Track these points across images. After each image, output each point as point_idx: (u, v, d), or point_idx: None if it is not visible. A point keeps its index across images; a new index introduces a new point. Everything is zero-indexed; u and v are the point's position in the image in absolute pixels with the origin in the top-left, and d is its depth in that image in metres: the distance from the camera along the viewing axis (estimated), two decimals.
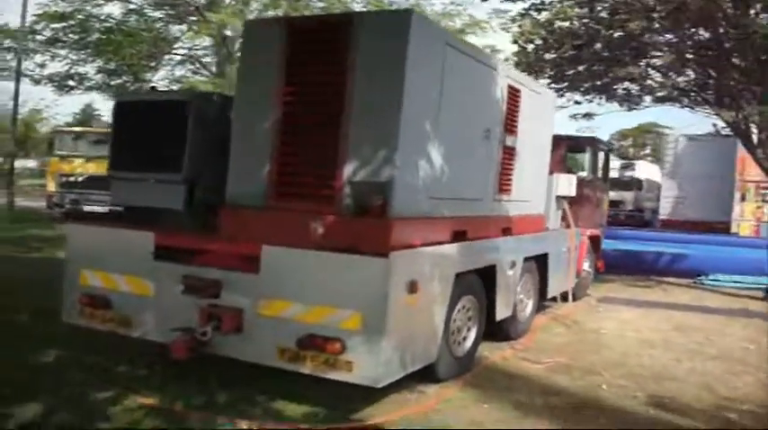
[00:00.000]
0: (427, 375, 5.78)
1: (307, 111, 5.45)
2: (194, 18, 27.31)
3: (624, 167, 33.39)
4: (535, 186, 8.22)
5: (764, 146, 11.95)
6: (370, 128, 5.16)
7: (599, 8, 12.53)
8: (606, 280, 12.93)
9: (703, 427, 5.36)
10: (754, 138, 12.10)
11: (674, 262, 14.44)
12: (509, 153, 7.17)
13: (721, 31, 11.57)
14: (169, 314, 5.52)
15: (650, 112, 26.86)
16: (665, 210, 24.98)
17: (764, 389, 6.42)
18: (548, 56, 12.56)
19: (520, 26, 12.34)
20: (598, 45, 12.90)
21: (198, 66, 28.88)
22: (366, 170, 5.18)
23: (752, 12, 10.90)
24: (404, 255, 4.97)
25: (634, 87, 14.92)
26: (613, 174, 22.17)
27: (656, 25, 12.39)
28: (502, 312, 7.00)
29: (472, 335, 6.43)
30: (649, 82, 14.55)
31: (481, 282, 6.45)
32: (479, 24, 24.35)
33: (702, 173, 22.60)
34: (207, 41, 27.92)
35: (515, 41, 12.27)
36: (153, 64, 28.29)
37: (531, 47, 12.31)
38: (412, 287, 5.05)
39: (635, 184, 31.43)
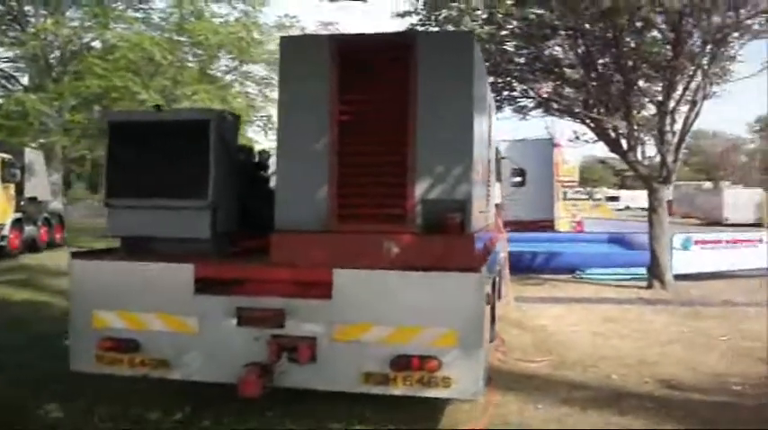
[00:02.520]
0: None
1: (366, 131, 5.26)
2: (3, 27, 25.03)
3: None
4: (492, 196, 8.60)
5: (633, 150, 13.36)
6: (441, 145, 5.12)
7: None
8: None
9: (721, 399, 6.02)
10: (623, 143, 13.45)
11: (550, 260, 15.62)
12: (488, 164, 7.48)
13: (593, 49, 12.81)
14: (218, 350, 5.10)
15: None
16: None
17: (735, 364, 7.30)
18: None
19: None
20: None
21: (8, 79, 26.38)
22: (440, 188, 5.15)
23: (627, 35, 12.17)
24: (484, 269, 5.06)
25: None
26: None
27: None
28: (495, 317, 7.27)
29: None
30: (510, 93, 15.62)
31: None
32: None
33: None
34: (10, 53, 25.76)
35: None
36: None
37: None
38: (488, 299, 5.17)
39: None
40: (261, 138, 26.27)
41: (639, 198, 68.66)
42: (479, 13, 11.74)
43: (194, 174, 5.61)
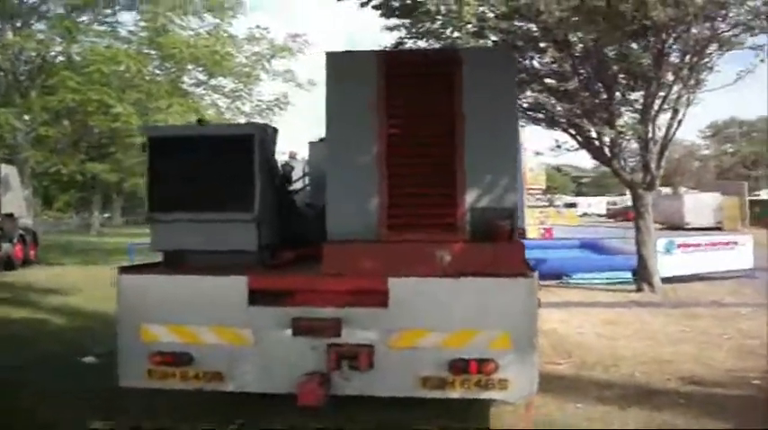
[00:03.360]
0: None
1: (414, 142, 5.40)
2: None
3: None
4: None
5: (617, 157, 13.81)
6: (488, 156, 5.29)
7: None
8: None
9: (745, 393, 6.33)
10: (606, 151, 13.87)
11: (535, 266, 15.90)
12: None
13: (576, 60, 13.20)
14: (274, 361, 5.14)
15: None
16: None
17: (745, 361, 7.67)
18: None
19: None
20: None
21: None
22: (489, 197, 5.32)
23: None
24: (535, 274, 5.25)
25: None
26: None
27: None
28: None
29: None
30: None
31: None
32: (286, 49, 24.90)
33: None
34: None
35: None
36: None
37: None
38: (539, 303, 5.36)
39: None
40: None
41: (595, 204, 70.67)
42: (470, 26, 11.99)
43: (239, 187, 5.67)
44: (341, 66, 5.79)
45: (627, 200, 62.63)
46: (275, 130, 6.28)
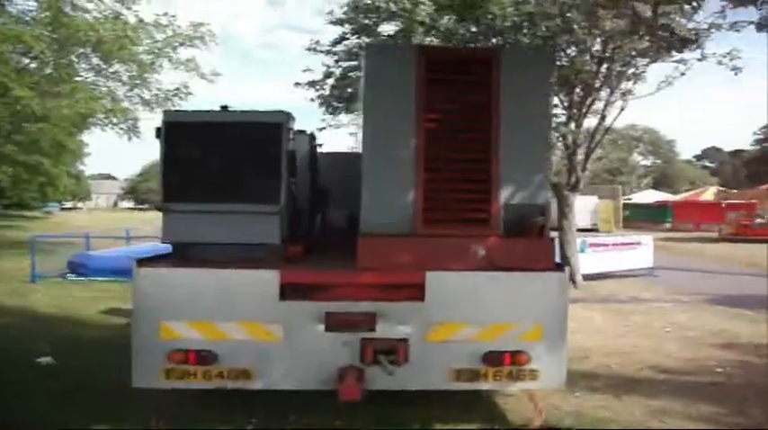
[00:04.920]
0: None
1: (451, 138, 5.46)
2: None
3: None
4: None
5: None
6: (521, 153, 5.43)
7: None
8: None
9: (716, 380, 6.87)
10: None
11: None
12: None
13: None
14: (305, 357, 5.04)
15: None
16: None
17: (697, 351, 8.30)
18: None
19: None
20: None
21: None
22: (522, 193, 5.47)
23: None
24: (567, 269, 5.47)
25: None
26: None
27: None
28: None
29: None
30: None
31: None
32: (195, 38, 24.03)
33: None
34: None
35: None
36: None
37: None
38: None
39: None
40: (123, 142, 24.71)
41: None
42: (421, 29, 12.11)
43: (265, 177, 5.51)
44: (380, 58, 5.78)
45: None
46: (294, 118, 6.09)
